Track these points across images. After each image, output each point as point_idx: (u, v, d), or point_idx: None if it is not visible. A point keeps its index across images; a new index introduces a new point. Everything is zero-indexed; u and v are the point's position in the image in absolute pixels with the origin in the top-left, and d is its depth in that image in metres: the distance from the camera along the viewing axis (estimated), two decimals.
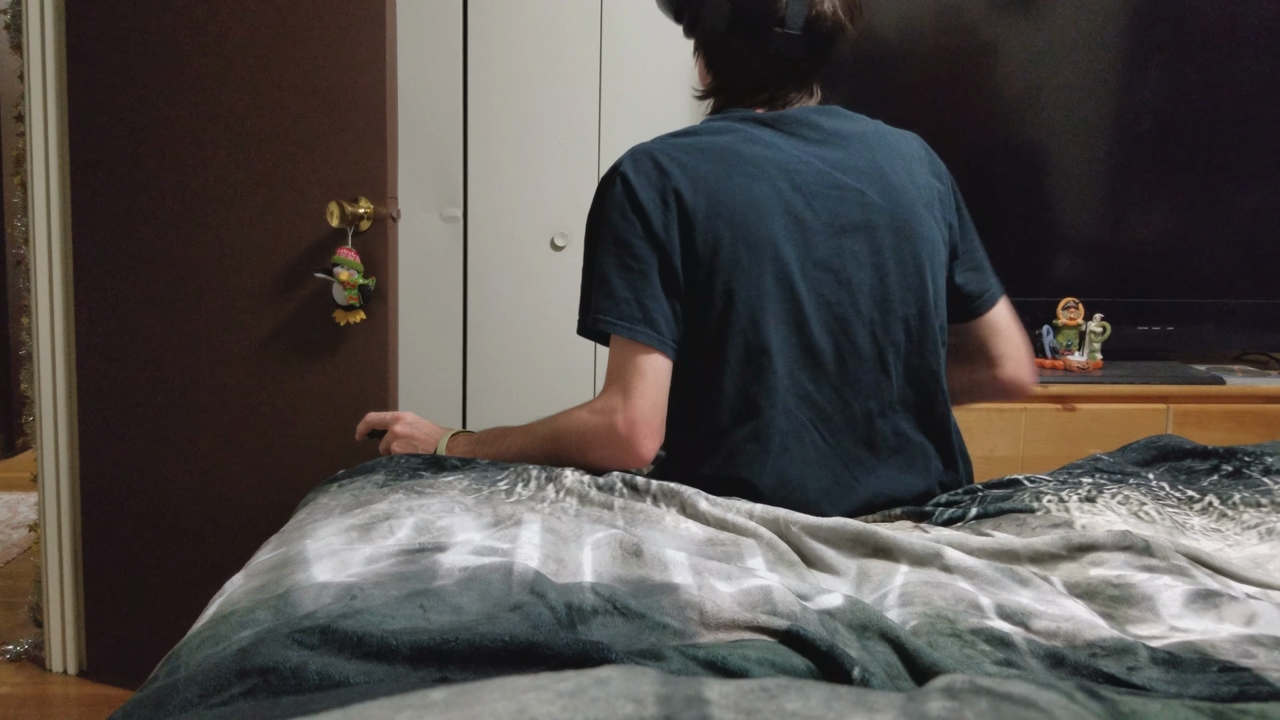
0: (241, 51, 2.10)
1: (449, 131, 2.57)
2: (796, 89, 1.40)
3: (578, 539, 1.02)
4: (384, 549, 0.95)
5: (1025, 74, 2.59)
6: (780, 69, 1.37)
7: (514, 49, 2.56)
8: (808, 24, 1.33)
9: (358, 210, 2.06)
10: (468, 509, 1.09)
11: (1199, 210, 2.63)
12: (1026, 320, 2.52)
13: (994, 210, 2.60)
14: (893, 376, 1.35)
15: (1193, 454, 1.45)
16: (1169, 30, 2.57)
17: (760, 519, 1.16)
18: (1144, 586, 1.00)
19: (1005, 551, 1.10)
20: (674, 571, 0.95)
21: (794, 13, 1.32)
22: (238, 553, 2.22)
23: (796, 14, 1.32)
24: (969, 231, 1.48)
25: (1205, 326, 2.65)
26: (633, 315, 1.29)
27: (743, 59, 1.38)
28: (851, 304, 1.32)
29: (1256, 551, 1.16)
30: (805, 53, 1.35)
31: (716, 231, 1.28)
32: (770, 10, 1.32)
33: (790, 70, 1.37)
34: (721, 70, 1.42)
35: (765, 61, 1.36)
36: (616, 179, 1.32)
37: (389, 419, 1.48)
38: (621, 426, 1.28)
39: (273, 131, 2.10)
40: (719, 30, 1.36)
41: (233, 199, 2.14)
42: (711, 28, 1.37)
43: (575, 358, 2.56)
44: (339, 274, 2.03)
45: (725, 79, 1.42)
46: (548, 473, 1.24)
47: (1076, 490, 1.30)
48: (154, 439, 2.24)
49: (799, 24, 1.32)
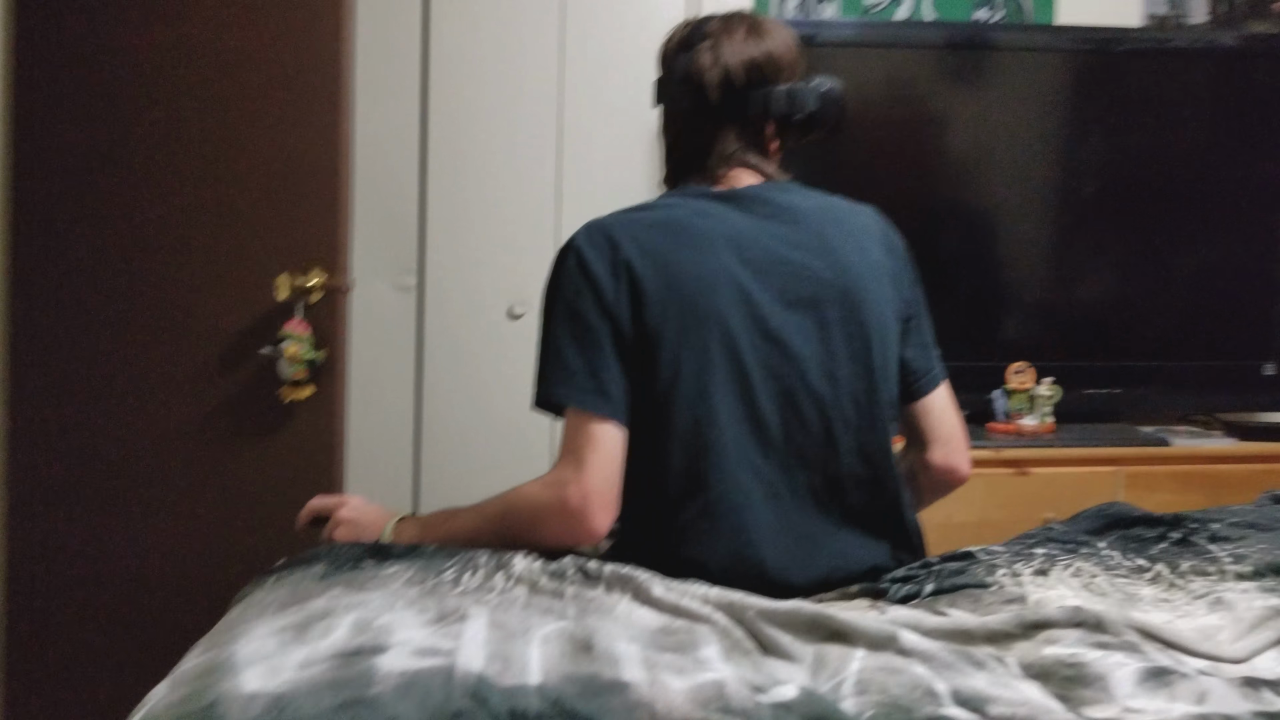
0: (191, 120, 2.07)
1: (405, 200, 2.56)
2: (730, 144, 1.42)
3: (525, 634, 0.99)
4: (319, 651, 0.92)
5: (973, 141, 2.64)
6: (709, 127, 1.41)
7: (473, 117, 2.57)
8: (723, 78, 1.38)
9: (308, 282, 2.03)
10: (410, 603, 1.07)
11: (1143, 274, 2.67)
12: (979, 385, 2.56)
13: (945, 276, 2.62)
14: (841, 450, 1.34)
15: (1141, 521, 1.46)
16: (1109, 98, 2.63)
17: (715, 603, 1.14)
18: (1097, 665, 1.00)
19: (960, 632, 1.09)
20: (625, 667, 0.93)
21: (711, 69, 1.38)
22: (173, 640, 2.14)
23: (714, 70, 1.38)
24: (921, 309, 1.49)
25: (1151, 389, 2.68)
26: (585, 386, 1.28)
27: (682, 126, 1.45)
28: (799, 378, 1.32)
29: (1206, 623, 1.16)
30: (729, 107, 1.39)
31: (666, 304, 1.29)
32: (689, 71, 1.40)
33: (718, 127, 1.41)
34: (672, 144, 1.48)
35: (695, 122, 1.42)
36: (571, 252, 1.34)
37: (333, 504, 1.44)
38: (574, 499, 1.26)
39: (222, 201, 2.07)
40: (663, 105, 1.45)
41: (179, 270, 2.09)
42: (662, 106, 1.46)
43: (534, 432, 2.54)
44: (286, 348, 2.00)
45: (669, 147, 1.48)
46: (497, 559, 1.22)
47: (1030, 563, 1.30)
48: (89, 518, 2.16)
49: (716, 79, 1.38)
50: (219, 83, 2.06)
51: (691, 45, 1.41)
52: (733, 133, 1.42)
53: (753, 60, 1.39)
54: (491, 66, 2.56)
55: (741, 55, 1.39)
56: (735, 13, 1.45)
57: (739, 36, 1.40)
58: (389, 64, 2.53)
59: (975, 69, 2.61)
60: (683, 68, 1.41)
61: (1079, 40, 2.62)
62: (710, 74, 1.38)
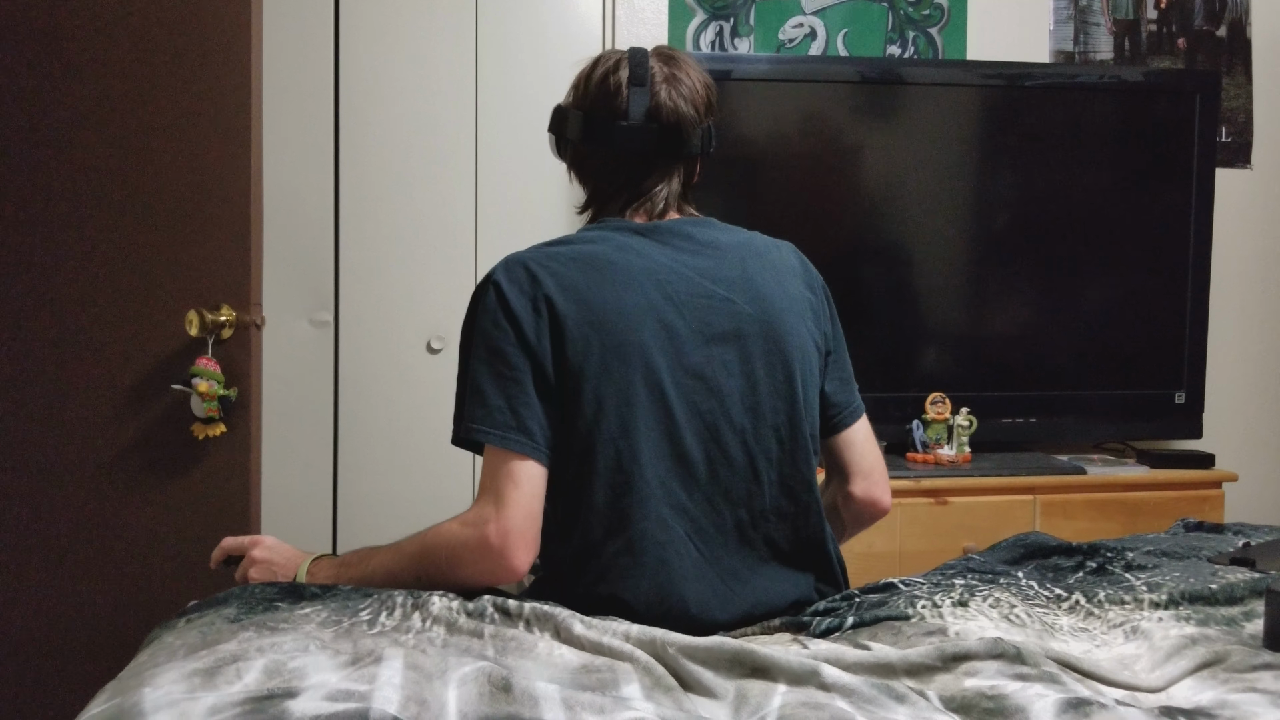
0: (97, 154, 2.02)
1: (319, 234, 2.53)
2: (656, 182, 1.42)
3: (443, 675, 0.97)
4: (229, 697, 0.89)
5: (887, 175, 2.68)
6: (634, 164, 1.41)
7: (388, 150, 2.55)
8: (649, 115, 1.38)
9: (219, 318, 1.99)
10: (324, 645, 1.03)
11: (1055, 305, 2.74)
12: (897, 415, 2.60)
13: (862, 309, 2.66)
14: (764, 485, 1.34)
15: (1059, 551, 1.49)
16: (1020, 132, 2.70)
17: (637, 640, 1.12)
18: (1016, 697, 1.00)
19: (881, 665, 1.09)
20: (545, 707, 0.91)
21: (635, 106, 1.38)
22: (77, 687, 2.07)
23: (638, 107, 1.38)
24: (840, 344, 1.50)
25: (1066, 418, 2.74)
26: (506, 423, 1.27)
27: (599, 161, 1.43)
28: (722, 412, 1.32)
29: (1123, 651, 1.18)
30: (655, 144, 1.39)
31: (587, 339, 1.28)
32: (613, 108, 1.39)
33: (645, 165, 1.41)
34: (587, 178, 1.47)
35: (619, 160, 1.41)
36: (490, 288, 1.32)
37: (246, 544, 1.41)
38: (494, 538, 1.24)
39: (129, 237, 2.03)
40: (575, 140, 1.42)
41: (86, 307, 2.04)
42: (570, 140, 1.43)
43: (454, 467, 2.51)
44: (197, 385, 1.96)
45: (591, 185, 1.47)
46: (414, 599, 1.19)
47: (950, 594, 1.31)
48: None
49: (640, 116, 1.38)
50: (126, 117, 2.02)
51: (609, 83, 1.40)
52: (658, 171, 1.42)
53: (684, 98, 1.39)
54: (406, 99, 2.54)
55: (670, 94, 1.39)
56: (656, 49, 1.45)
57: (661, 75, 1.40)
58: (300, 98, 2.50)
59: (888, 103, 2.66)
60: (605, 107, 1.39)
61: (989, 75, 2.68)
62: (637, 113, 1.38)
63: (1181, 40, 2.97)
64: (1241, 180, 3.01)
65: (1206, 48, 2.99)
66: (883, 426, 1.60)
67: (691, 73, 1.42)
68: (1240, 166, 3.01)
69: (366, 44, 2.52)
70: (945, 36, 2.86)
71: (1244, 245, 3.01)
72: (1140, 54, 2.95)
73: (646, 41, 2.66)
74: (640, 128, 1.38)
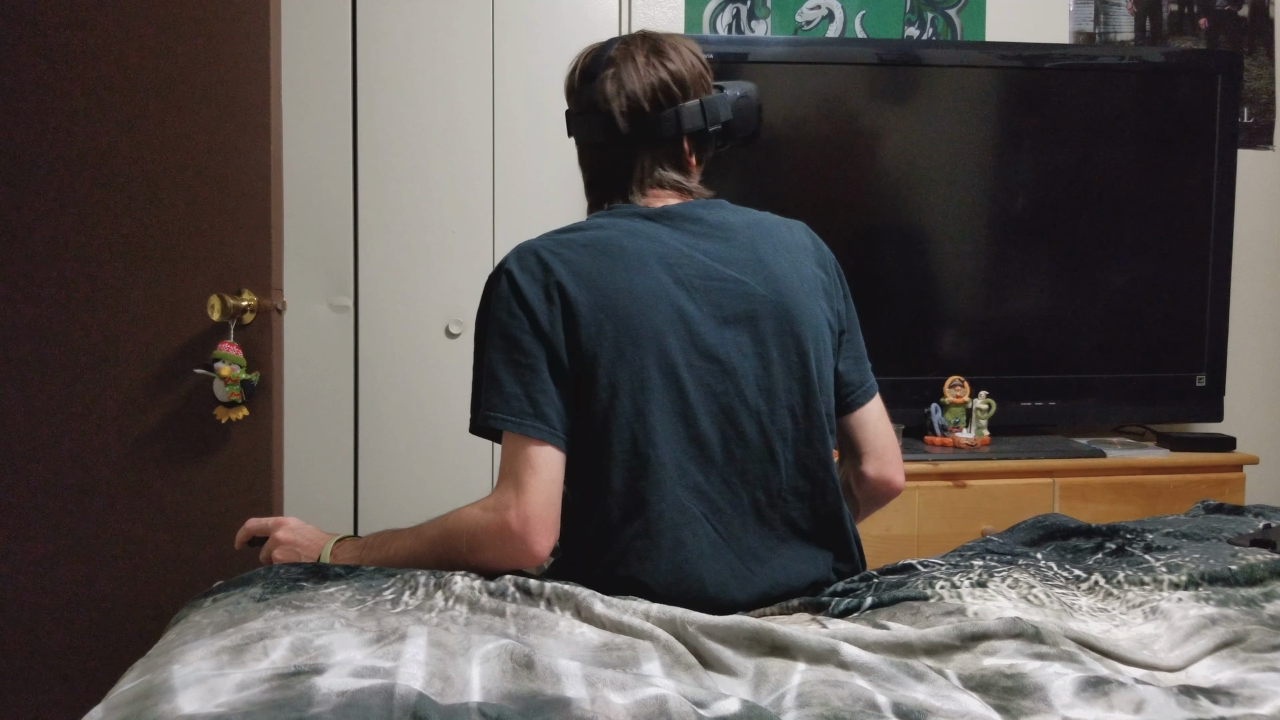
0: (119, 140, 2.04)
1: (339, 218, 2.54)
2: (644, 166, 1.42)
3: (466, 652, 0.98)
4: (257, 673, 0.90)
5: (905, 157, 2.67)
6: (612, 152, 1.42)
7: (406, 136, 2.55)
8: (630, 108, 1.39)
9: (240, 303, 2.01)
10: (349, 624, 1.05)
11: (1075, 287, 2.72)
12: (915, 399, 2.60)
13: (880, 292, 2.65)
14: (781, 465, 1.35)
15: (1078, 533, 1.49)
16: (1040, 113, 2.69)
17: (657, 619, 1.13)
18: (1035, 675, 1.00)
19: (900, 645, 1.10)
20: (567, 684, 0.92)
21: (595, 96, 1.40)
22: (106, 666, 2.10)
23: (599, 96, 1.39)
24: (854, 323, 1.50)
25: (1085, 401, 2.73)
26: (523, 410, 1.27)
27: (597, 151, 1.45)
28: (737, 394, 1.33)
29: (1142, 631, 1.18)
30: (617, 132, 1.40)
31: (600, 324, 1.29)
32: (579, 101, 1.43)
33: (622, 150, 1.42)
34: (589, 167, 1.49)
35: (596, 149, 1.44)
36: (502, 276, 1.33)
37: (270, 525, 1.42)
38: (515, 523, 1.25)
39: (151, 223, 2.04)
40: (574, 134, 1.46)
41: (109, 292, 2.06)
42: (574, 136, 1.47)
43: (474, 449, 2.52)
44: (220, 369, 1.97)
45: (593, 174, 1.48)
46: (436, 579, 1.20)
47: (968, 575, 1.31)
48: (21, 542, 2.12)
49: (603, 105, 1.40)
50: (147, 103, 2.03)
51: (594, 75, 1.41)
52: (648, 157, 1.42)
53: (657, 81, 1.39)
54: (423, 85, 2.55)
55: (645, 79, 1.39)
56: (635, 34, 1.45)
57: (640, 60, 1.40)
58: (319, 85, 2.51)
59: (907, 85, 2.65)
60: (588, 99, 1.41)
61: (1008, 56, 2.67)
62: (616, 102, 1.38)
63: (1203, 20, 2.94)
64: (1263, 161, 2.98)
65: (1228, 28, 2.96)
66: (901, 410, 1.60)
67: (674, 53, 1.41)
68: (1262, 148, 2.99)
69: (385, 31, 2.53)
70: (964, 17, 2.84)
71: (1266, 227, 2.99)
72: (1161, 34, 2.93)
73: (663, 25, 2.66)
74: (599, 117, 1.40)
